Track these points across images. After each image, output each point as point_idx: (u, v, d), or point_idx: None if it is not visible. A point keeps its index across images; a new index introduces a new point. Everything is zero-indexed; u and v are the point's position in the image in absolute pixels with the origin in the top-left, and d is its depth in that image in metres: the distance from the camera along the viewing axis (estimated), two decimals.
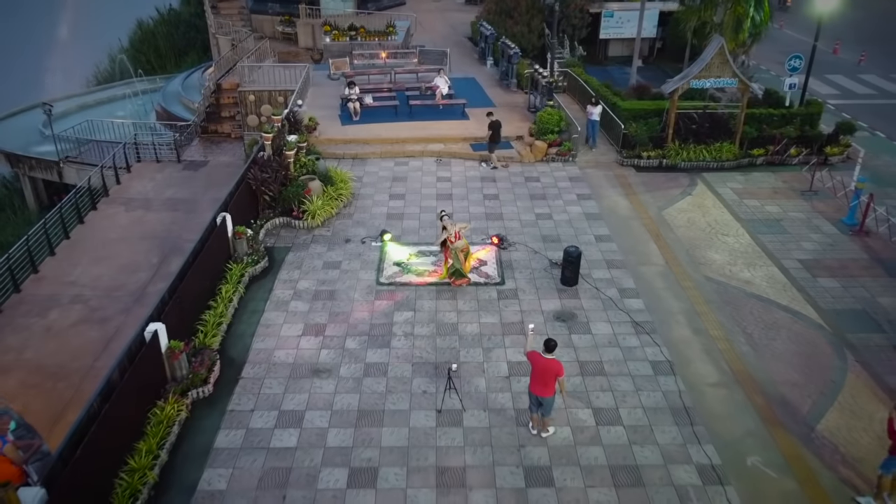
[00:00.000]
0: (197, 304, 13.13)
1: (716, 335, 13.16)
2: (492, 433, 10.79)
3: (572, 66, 26.88)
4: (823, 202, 18.47)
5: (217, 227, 14.65)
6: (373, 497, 9.68)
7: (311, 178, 17.63)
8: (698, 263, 15.64)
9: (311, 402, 11.40)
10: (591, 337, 13.06)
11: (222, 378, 11.92)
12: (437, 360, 12.30)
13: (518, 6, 30.51)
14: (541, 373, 9.93)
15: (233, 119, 28.85)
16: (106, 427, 9.33)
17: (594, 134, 21.74)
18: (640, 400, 11.49)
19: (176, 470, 10.13)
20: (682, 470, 10.15)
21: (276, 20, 38.82)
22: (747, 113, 20.79)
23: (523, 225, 17.22)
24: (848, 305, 14.10)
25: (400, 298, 14.13)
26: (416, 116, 23.44)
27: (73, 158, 27.95)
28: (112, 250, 18.97)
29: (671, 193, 19.10)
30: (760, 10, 21.40)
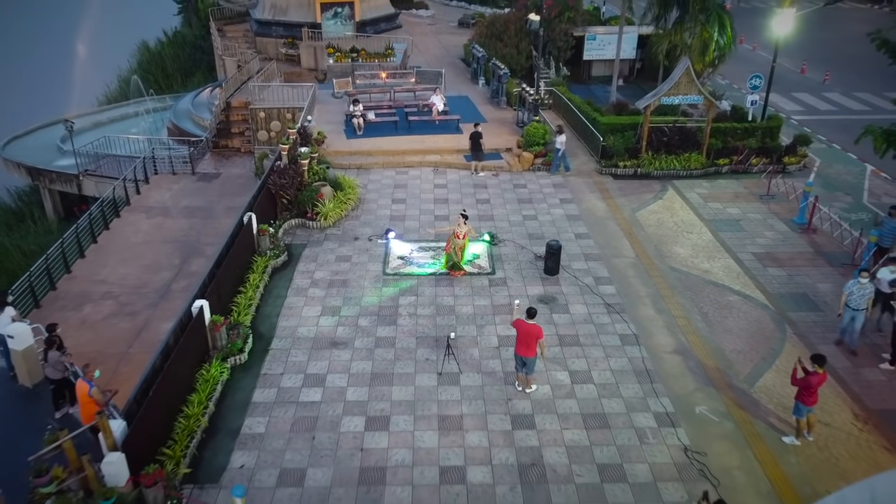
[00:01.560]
0: (230, 289, 15.22)
1: (676, 314, 15.34)
2: (484, 390, 12.90)
3: (557, 85, 29.28)
4: (779, 205, 20.77)
5: (244, 224, 16.76)
6: (386, 438, 11.75)
7: (323, 184, 19.82)
8: (664, 256, 17.85)
9: (332, 368, 13.50)
10: (570, 316, 15.23)
11: (255, 349, 14.01)
12: (437, 334, 14.40)
13: (507, 30, 32.93)
14: (525, 336, 12.09)
15: (242, 135, 31.00)
16: (166, 380, 11.39)
17: (564, 160, 23.05)
18: (609, 364, 13.64)
19: (222, 418, 12.20)
20: (642, 416, 12.27)
21: (279, 42, 41.03)
22: (713, 126, 23.13)
23: (511, 225, 19.43)
24: (791, 290, 16.32)
25: (405, 286, 16.31)
26: (415, 131, 25.71)
27: (91, 172, 29.99)
28: (136, 252, 20.97)
29: (644, 198, 21.37)
30: (724, 34, 23.78)
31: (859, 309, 13.55)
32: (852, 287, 13.60)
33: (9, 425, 12.25)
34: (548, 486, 10.81)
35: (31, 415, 12.44)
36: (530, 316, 12.17)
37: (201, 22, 57.45)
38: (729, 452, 11.47)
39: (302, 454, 11.38)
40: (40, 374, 12.97)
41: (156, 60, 52.92)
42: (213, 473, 11.00)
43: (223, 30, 46.30)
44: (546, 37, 31.64)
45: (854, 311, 13.58)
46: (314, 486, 10.78)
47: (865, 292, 13.52)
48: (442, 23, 49.91)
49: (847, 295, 13.66)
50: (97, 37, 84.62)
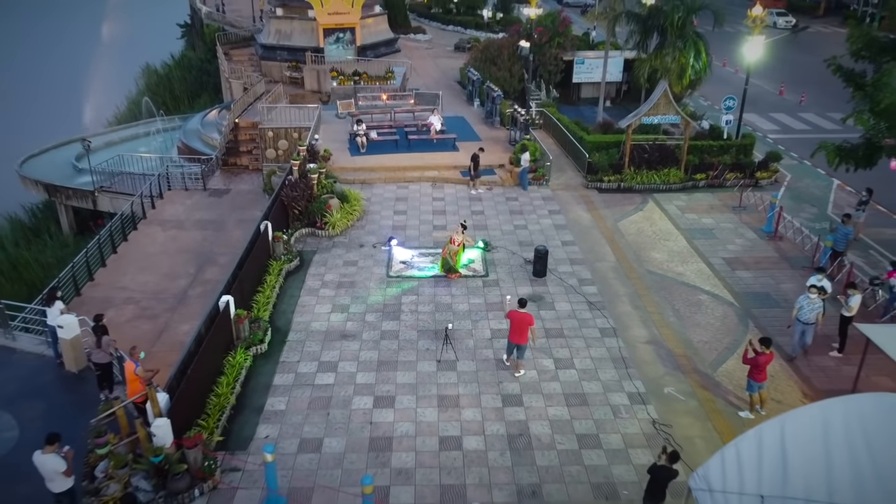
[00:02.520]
0: (250, 288, 16.91)
1: (651, 310, 17.07)
2: (478, 375, 14.57)
3: (547, 106, 31.22)
4: (749, 215, 22.58)
5: (261, 232, 18.48)
6: (392, 414, 13.41)
7: (331, 196, 21.59)
8: (643, 261, 19.62)
9: (342, 356, 15.17)
10: (555, 312, 16.95)
11: (273, 340, 15.67)
12: (436, 328, 16.07)
13: (501, 55, 34.93)
14: (518, 324, 13.82)
15: (250, 153, 32.81)
16: (200, 362, 13.06)
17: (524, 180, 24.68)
18: (589, 353, 15.34)
19: (247, 397, 13.85)
20: (617, 396, 13.96)
21: (283, 66, 42.89)
22: (691, 144, 25.03)
23: (503, 233, 21.20)
24: (756, 290, 18.08)
25: (408, 288, 18.04)
26: (414, 149, 27.55)
27: (106, 188, 31.75)
28: (154, 262, 22.65)
29: (626, 209, 23.17)
30: (700, 59, 25.75)
31: (809, 323, 14.67)
32: (802, 301, 14.74)
33: (59, 405, 13.87)
34: (533, 452, 12.46)
35: (78, 395, 14.07)
36: (522, 305, 13.93)
37: (207, 46, 59.62)
38: (692, 425, 13.15)
39: (318, 427, 13.04)
40: (84, 362, 14.63)
41: (164, 83, 54.94)
42: (241, 442, 12.64)
43: (229, 53, 48.26)
44: (537, 61, 33.65)
45: (804, 324, 14.71)
46: (330, 452, 12.42)
47: (815, 307, 14.55)
48: (439, 47, 52.03)
49: (798, 309, 14.82)
50: (102, 60, 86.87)
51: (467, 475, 11.90)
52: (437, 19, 62.89)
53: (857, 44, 18.03)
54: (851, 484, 7.26)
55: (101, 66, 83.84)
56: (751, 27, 24.86)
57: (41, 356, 15.45)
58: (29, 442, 12.45)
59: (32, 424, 13.09)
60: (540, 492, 11.62)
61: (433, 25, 61.45)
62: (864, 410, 8.02)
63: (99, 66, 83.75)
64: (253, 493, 11.47)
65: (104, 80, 77.65)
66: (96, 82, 75.92)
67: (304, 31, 42.65)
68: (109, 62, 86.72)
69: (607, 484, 11.80)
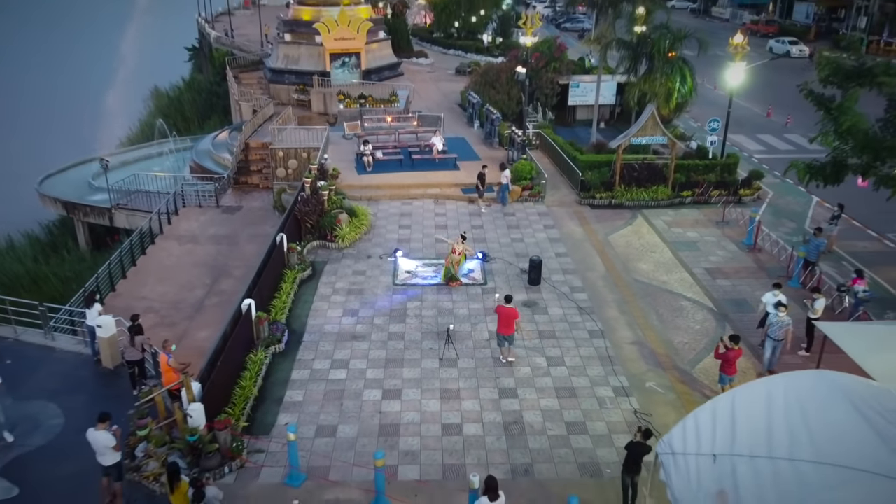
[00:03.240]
0: (268, 294, 18.41)
1: (636, 314, 18.55)
2: (477, 371, 16.03)
3: (544, 128, 32.90)
4: (732, 229, 24.12)
5: (277, 244, 20.01)
6: (399, 405, 14.84)
7: (340, 211, 23.15)
8: (630, 271, 21.12)
9: (353, 355, 16.63)
10: (548, 316, 18.42)
11: (290, 341, 17.14)
12: (438, 330, 17.53)
13: (499, 79, 36.66)
14: (505, 318, 15.36)
15: (260, 172, 34.42)
16: (227, 357, 14.53)
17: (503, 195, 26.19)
18: (578, 352, 16.80)
19: (268, 390, 15.30)
20: (602, 389, 15.40)
21: (291, 89, 44.67)
22: (678, 163, 26.61)
23: (501, 246, 22.73)
24: (734, 297, 19.57)
25: (411, 294, 19.54)
26: (417, 167, 29.16)
27: (123, 205, 33.34)
28: (171, 274, 24.13)
29: (616, 224, 24.71)
30: (685, 84, 27.43)
31: (779, 339, 15.75)
32: (772, 319, 15.91)
33: (97, 397, 15.28)
34: (526, 437, 13.89)
35: (114, 389, 15.51)
36: (507, 301, 15.49)
37: (216, 69, 61.61)
38: (669, 413, 14.57)
39: (333, 415, 14.48)
40: (119, 359, 16.09)
41: (175, 105, 56.86)
42: (264, 428, 14.07)
43: (238, 77, 50.12)
44: (534, 84, 35.38)
45: (775, 341, 15.81)
46: (344, 437, 13.86)
47: (783, 324, 15.63)
48: (440, 71, 53.94)
49: (768, 326, 16.07)
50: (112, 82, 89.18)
51: (467, 456, 13.32)
52: (439, 43, 64.98)
53: (824, 71, 19.62)
54: (787, 442, 8.68)
55: (111, 88, 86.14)
56: (732, 54, 26.55)
57: (79, 354, 16.93)
58: (72, 428, 13.95)
59: (75, 413, 14.53)
60: (532, 470, 13.04)
61: (435, 49, 63.51)
62: (801, 384, 9.49)
63: (109, 88, 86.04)
64: (276, 471, 12.88)
65: (114, 101, 79.88)
66: (107, 104, 78.12)
67: (312, 55, 44.53)
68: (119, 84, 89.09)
69: (592, 464, 13.22)
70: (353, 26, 42.96)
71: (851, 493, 7.76)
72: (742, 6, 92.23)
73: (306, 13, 45.40)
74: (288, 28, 46.17)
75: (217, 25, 71.97)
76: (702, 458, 9.17)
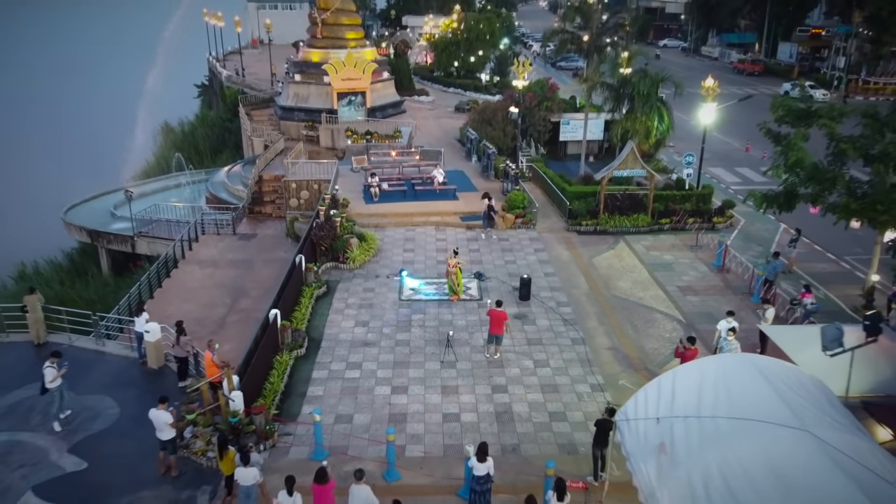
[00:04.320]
0: (289, 307, 20.92)
1: (614, 325, 21.06)
2: (473, 371, 18.48)
3: (536, 162, 35.72)
4: (704, 253, 26.73)
5: (297, 264, 22.58)
6: (406, 398, 17.27)
7: (351, 236, 25.77)
8: (610, 288, 23.67)
9: (365, 358, 19.10)
10: (536, 326, 20.93)
11: (309, 347, 19.61)
12: (439, 338, 20.00)
13: (496, 116, 39.63)
14: (496, 319, 17.95)
15: (273, 202, 37.06)
16: (259, 356, 17.01)
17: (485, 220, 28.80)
18: (562, 356, 19.27)
19: (292, 386, 17.74)
20: (581, 386, 17.85)
21: (301, 125, 47.56)
22: (657, 193, 29.31)
23: (496, 267, 25.31)
24: (701, 310, 22.09)
25: (415, 308, 22.07)
26: (420, 198, 31.85)
27: (144, 233, 35.95)
28: (194, 294, 26.60)
29: (600, 248, 27.33)
30: (663, 122, 30.28)
31: None
32: (721, 343, 18.04)
33: (145, 392, 17.66)
34: (514, 424, 16.31)
35: (159, 385, 17.88)
36: (498, 305, 18.11)
37: (227, 106, 64.77)
38: None
39: (349, 407, 16.91)
40: (163, 360, 18.56)
41: (189, 139, 59.89)
42: (291, 416, 16.49)
43: (250, 114, 53.13)
44: (528, 122, 38.32)
45: None
46: (359, 423, 16.28)
47: (731, 347, 17.64)
48: (441, 108, 57.08)
49: (718, 350, 18.20)
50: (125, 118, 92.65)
51: (463, 438, 15.71)
52: (439, 82, 68.35)
53: (778, 112, 22.42)
54: (711, 405, 11.12)
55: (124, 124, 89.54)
56: (704, 95, 29.44)
57: (126, 357, 19.39)
58: (127, 416, 16.46)
59: (128, 404, 16.96)
60: (518, 449, 15.45)
61: (435, 87, 66.83)
62: (728, 364, 12.02)
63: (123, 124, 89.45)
64: (303, 449, 15.29)
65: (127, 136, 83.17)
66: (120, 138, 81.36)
67: (320, 94, 47.58)
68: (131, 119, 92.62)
69: (570, 444, 15.64)
70: (359, 67, 46.06)
71: (753, 438, 10.21)
72: (730, 45, 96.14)
73: (315, 55, 48.58)
74: (298, 69, 49.32)
75: (228, 64, 75.54)
76: (649, 422, 11.62)
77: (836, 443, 9.95)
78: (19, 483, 14.20)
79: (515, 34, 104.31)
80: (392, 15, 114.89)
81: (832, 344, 12.91)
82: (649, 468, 10.90)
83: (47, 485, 14.19)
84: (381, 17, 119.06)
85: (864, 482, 9.33)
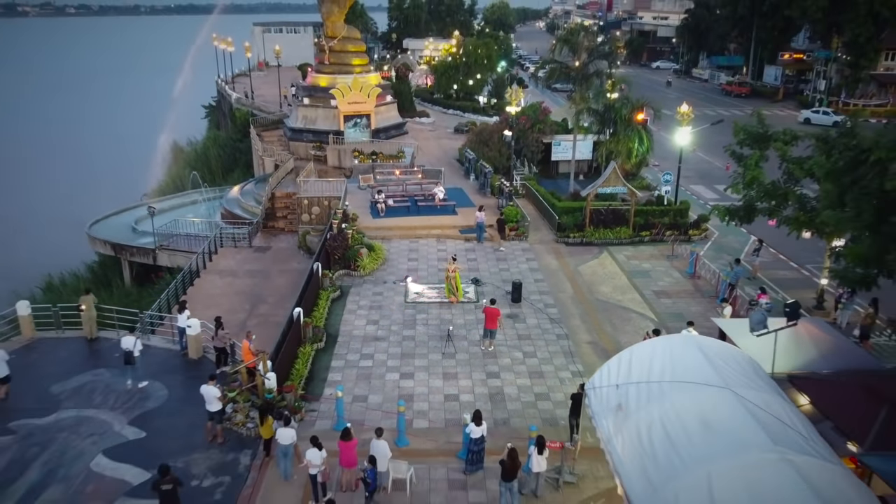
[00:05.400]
0: (309, 307, 23.81)
1: (594, 323, 23.95)
2: (470, 361, 21.34)
3: (528, 180, 38.77)
4: (679, 262, 29.68)
5: (314, 271, 25.50)
6: (412, 382, 20.13)
7: (361, 246, 28.72)
8: (593, 292, 26.59)
9: (377, 350, 21.98)
10: (526, 325, 23.82)
11: (327, 341, 22.48)
12: (440, 334, 22.87)
13: (492, 138, 42.72)
14: (490, 316, 20.85)
15: (285, 218, 39.95)
16: (287, 346, 19.88)
17: (480, 234, 31.91)
18: (547, 349, 22.15)
19: (314, 373, 20.60)
20: (563, 372, 20.72)
21: (309, 146, 50.49)
22: (638, 208, 32.31)
23: (491, 274, 28.25)
24: (672, 311, 24.99)
25: (419, 309, 24.97)
26: (422, 213, 34.85)
27: (164, 246, 38.82)
28: (216, 301, 29.35)
29: (586, 258, 30.28)
30: (643, 144, 33.35)
31: None
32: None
33: (188, 377, 20.48)
34: (505, 403, 19.16)
35: (200, 371, 20.66)
36: (492, 303, 21.03)
37: (236, 127, 67.93)
38: None
39: (364, 389, 19.76)
40: (202, 352, 21.42)
41: (201, 158, 63.01)
42: (315, 396, 19.33)
43: (261, 135, 56.22)
44: (521, 143, 41.42)
45: None
46: (373, 402, 19.13)
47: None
48: (441, 129, 60.25)
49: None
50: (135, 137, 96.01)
51: (461, 413, 18.55)
52: (439, 104, 71.60)
53: (739, 135, 25.46)
54: (659, 373, 13.95)
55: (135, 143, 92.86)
56: (679, 120, 32.55)
57: (168, 350, 22.25)
58: (175, 397, 19.31)
59: (175, 388, 19.81)
60: (508, 422, 18.30)
61: (436, 109, 70.06)
62: (675, 342, 14.90)
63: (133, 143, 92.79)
64: (326, 422, 18.13)
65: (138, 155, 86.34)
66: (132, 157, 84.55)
67: (327, 117, 50.64)
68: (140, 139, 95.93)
69: (552, 418, 18.48)
70: (364, 91, 49.22)
71: (687, 394, 13.06)
72: (720, 67, 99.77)
73: (323, 80, 51.73)
74: (307, 93, 52.48)
75: (236, 87, 78.93)
76: (610, 388, 14.48)
77: (751, 398, 12.81)
78: (91, 448, 17.02)
79: (512, 56, 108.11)
80: (393, 38, 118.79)
81: (758, 326, 15.79)
82: (609, 423, 13.75)
83: (114, 449, 17.01)
84: (383, 40, 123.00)
85: (768, 425, 12.17)
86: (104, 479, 15.94)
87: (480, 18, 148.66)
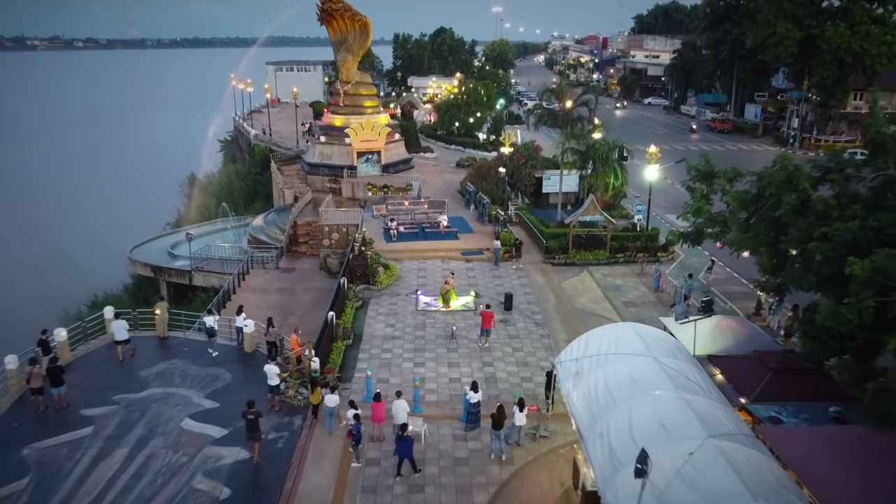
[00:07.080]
0: (338, 312, 29.14)
1: (572, 326, 29.25)
2: (469, 354, 26.63)
3: (521, 210, 44.34)
4: (647, 278, 35.06)
5: (341, 285, 30.87)
6: (423, 369, 25.39)
7: (378, 265, 34.14)
8: (573, 302, 31.93)
9: (394, 346, 27.27)
10: (515, 327, 29.14)
11: (354, 339, 27.80)
12: (446, 334, 28.14)
13: (489, 173, 48.41)
14: (486, 317, 26.27)
15: (307, 243, 45.33)
16: (324, 342, 25.17)
17: (496, 257, 37.27)
18: (532, 345, 27.44)
19: (346, 362, 25.88)
20: (544, 363, 25.91)
21: (325, 179, 56.07)
22: (614, 234, 37.75)
23: (487, 288, 33.64)
24: (637, 317, 30.18)
25: (429, 315, 30.32)
26: (429, 238, 40.33)
27: (199, 268, 44.17)
28: (251, 314, 34.15)
29: (568, 275, 35.66)
30: (618, 179, 38.93)
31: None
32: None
33: (245, 366, 25.72)
34: (497, 383, 24.43)
35: (255, 362, 25.92)
36: (487, 308, 26.42)
37: (255, 161, 73.71)
38: None
39: (386, 374, 25.04)
40: (254, 346, 26.72)
41: (224, 190, 68.68)
42: (347, 378, 24.60)
43: (280, 168, 61.91)
44: (515, 177, 47.08)
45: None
46: (393, 383, 24.37)
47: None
48: (443, 163, 65.98)
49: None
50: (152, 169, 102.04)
51: (462, 390, 23.77)
52: (442, 140, 77.44)
53: (692, 173, 30.94)
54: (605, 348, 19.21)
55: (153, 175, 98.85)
56: (648, 159, 38.13)
57: (226, 345, 27.53)
58: (237, 380, 24.57)
59: (236, 374, 25.07)
60: (499, 397, 23.50)
61: (439, 145, 75.87)
62: (619, 328, 20.27)
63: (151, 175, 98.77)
64: (357, 396, 23.32)
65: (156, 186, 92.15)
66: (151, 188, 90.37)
67: (342, 153, 56.33)
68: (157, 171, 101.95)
69: (533, 394, 23.68)
70: (375, 131, 55.10)
71: (623, 362, 18.34)
72: (706, 104, 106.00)
73: (338, 120, 57.60)
74: (323, 132, 58.29)
75: (254, 123, 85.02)
76: (571, 361, 19.80)
77: (669, 364, 18.12)
78: (179, 414, 22.25)
79: (511, 93, 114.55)
80: (398, 76, 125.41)
81: (681, 317, 21.16)
82: (569, 385, 19.05)
83: (197, 414, 22.22)
84: (388, 77, 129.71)
85: (676, 379, 17.45)
86: (193, 434, 21.16)
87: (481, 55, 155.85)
